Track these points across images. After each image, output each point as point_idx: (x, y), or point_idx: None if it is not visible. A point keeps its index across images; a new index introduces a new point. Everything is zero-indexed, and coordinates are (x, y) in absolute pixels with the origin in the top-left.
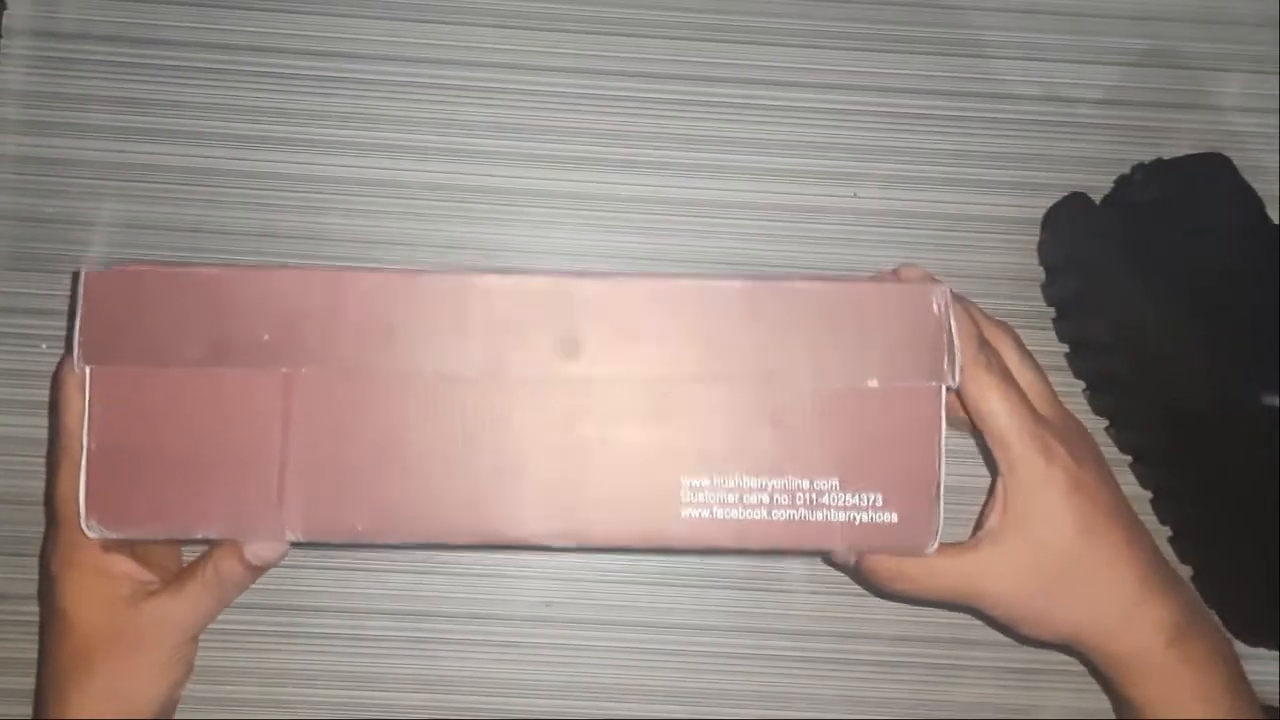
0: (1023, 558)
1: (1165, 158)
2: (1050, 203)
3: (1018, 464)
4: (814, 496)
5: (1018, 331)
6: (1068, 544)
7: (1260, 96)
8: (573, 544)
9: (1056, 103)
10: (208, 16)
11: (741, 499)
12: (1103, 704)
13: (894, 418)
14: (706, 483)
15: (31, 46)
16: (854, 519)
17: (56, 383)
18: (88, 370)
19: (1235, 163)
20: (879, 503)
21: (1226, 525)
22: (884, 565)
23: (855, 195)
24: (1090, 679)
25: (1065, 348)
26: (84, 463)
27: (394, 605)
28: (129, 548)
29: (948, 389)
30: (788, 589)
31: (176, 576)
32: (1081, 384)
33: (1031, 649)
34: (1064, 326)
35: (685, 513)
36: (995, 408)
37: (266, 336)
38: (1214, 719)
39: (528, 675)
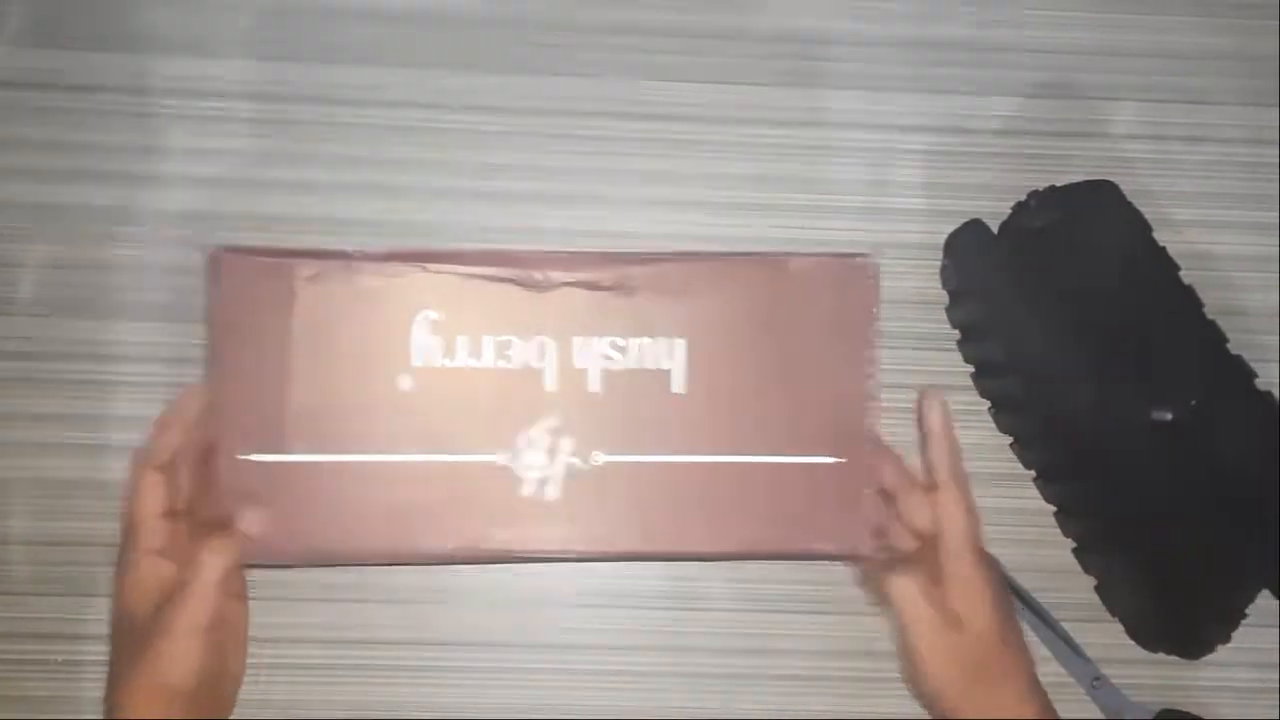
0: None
1: (1058, 185)
2: (952, 229)
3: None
4: None
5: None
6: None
7: (1147, 124)
8: None
9: (959, 133)
10: (131, 63)
11: None
12: None
13: None
14: None
15: None
16: None
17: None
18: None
19: (1125, 188)
20: None
21: (1125, 536)
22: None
23: (773, 225)
24: None
25: (971, 369)
26: None
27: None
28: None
29: None
30: (704, 608)
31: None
32: (987, 403)
33: None
34: (967, 349)
35: None
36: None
37: None
38: None
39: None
